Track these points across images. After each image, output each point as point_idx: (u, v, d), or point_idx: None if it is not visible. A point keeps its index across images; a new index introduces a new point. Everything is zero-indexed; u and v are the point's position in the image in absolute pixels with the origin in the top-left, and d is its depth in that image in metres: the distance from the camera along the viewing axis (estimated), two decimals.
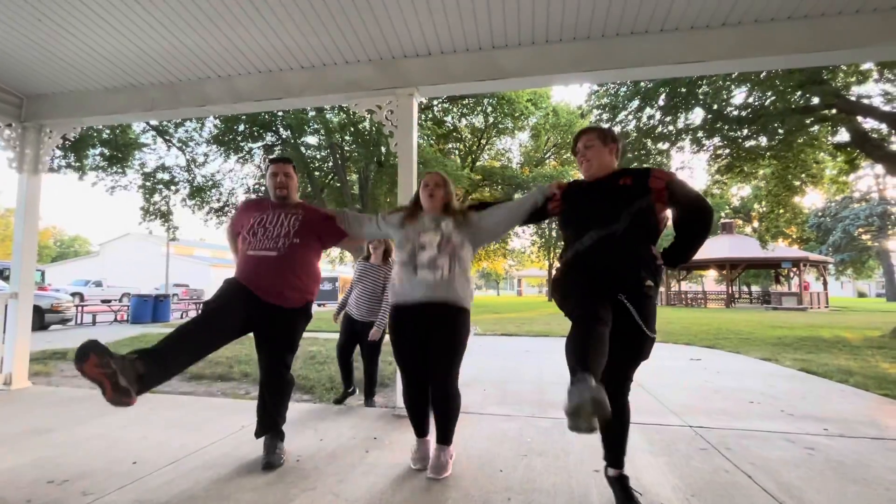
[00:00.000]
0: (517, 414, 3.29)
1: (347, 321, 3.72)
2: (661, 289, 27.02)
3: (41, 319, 10.23)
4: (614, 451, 1.92)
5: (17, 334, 3.99)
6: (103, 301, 20.34)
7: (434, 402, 2.22)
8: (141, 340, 7.88)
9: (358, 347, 3.78)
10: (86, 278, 25.78)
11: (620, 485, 1.88)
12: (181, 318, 15.60)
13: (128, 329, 10.77)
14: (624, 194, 1.85)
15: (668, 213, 1.93)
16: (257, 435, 2.38)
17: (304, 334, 2.53)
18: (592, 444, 2.64)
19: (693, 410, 3.38)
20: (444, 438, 2.22)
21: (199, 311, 2.18)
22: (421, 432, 2.33)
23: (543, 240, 27.88)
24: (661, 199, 1.83)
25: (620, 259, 1.80)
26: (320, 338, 7.24)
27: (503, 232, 2.49)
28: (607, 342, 1.63)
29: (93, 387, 4.41)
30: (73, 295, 16.17)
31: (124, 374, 1.65)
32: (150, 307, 13.13)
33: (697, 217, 1.85)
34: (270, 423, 2.38)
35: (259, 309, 2.26)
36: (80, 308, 13.24)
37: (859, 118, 8.73)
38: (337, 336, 3.95)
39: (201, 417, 3.16)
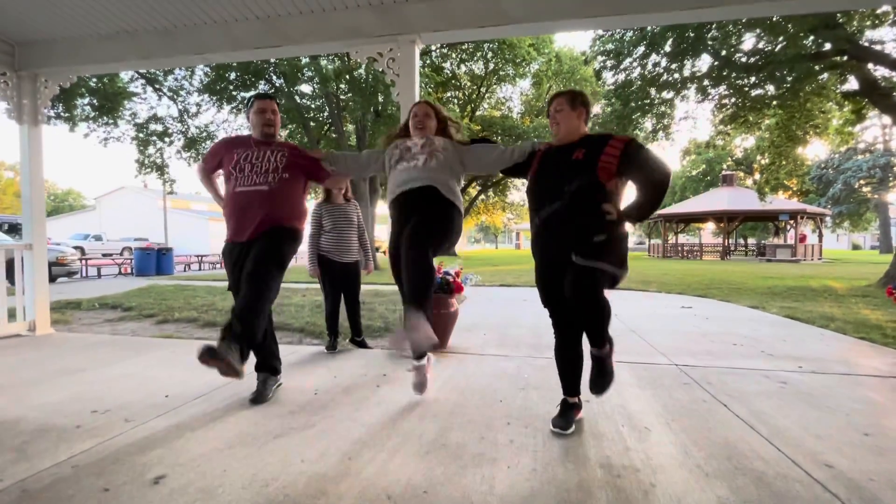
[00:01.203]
0: (515, 355, 3.53)
1: (328, 268, 3.58)
2: (657, 241, 27.30)
3: (48, 272, 10.43)
4: (596, 338, 2.02)
5: (35, 283, 4.16)
6: (104, 255, 20.55)
7: (404, 264, 2.17)
8: (149, 292, 8.10)
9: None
10: (84, 232, 25.81)
11: (599, 359, 2.05)
12: (184, 270, 15.86)
13: (134, 281, 11.01)
14: (571, 169, 1.97)
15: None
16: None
17: (308, 285, 2.66)
18: (583, 379, 2.87)
19: (680, 351, 3.62)
20: (416, 299, 2.06)
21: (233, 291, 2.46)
22: (419, 354, 2.32)
23: None
24: (608, 173, 1.93)
25: (565, 235, 1.97)
26: None
27: (487, 171, 2.60)
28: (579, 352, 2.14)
29: (114, 332, 4.61)
30: (74, 249, 16.28)
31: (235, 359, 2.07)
32: (153, 260, 13.35)
33: (651, 184, 1.94)
34: (263, 361, 2.50)
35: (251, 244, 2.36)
36: (84, 261, 13.44)
37: (870, 65, 8.50)
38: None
39: None
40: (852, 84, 9.27)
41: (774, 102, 9.31)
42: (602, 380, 2.08)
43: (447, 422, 2.18)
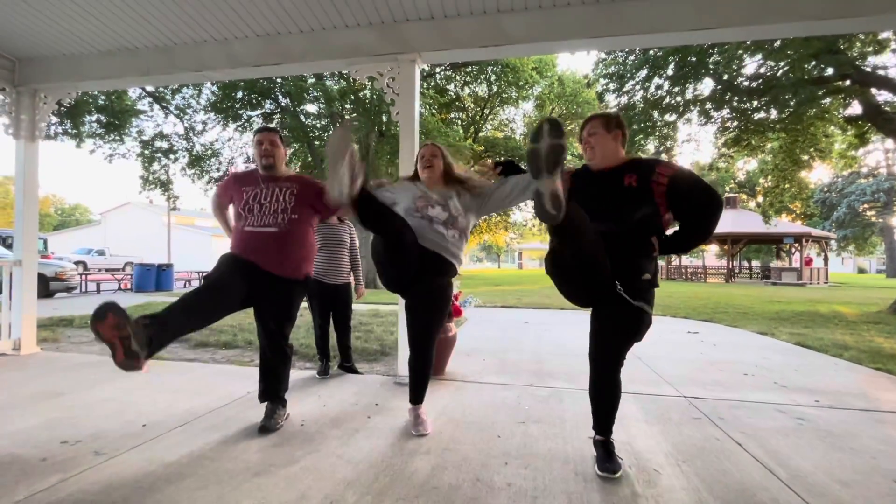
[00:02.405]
0: (515, 383, 3.36)
1: (318, 290, 3.46)
2: (662, 263, 27.11)
3: (46, 287, 10.34)
4: (603, 422, 1.99)
5: (23, 301, 4.05)
6: (106, 270, 20.51)
7: (412, 363, 2.37)
8: (146, 308, 7.98)
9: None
10: (88, 247, 25.88)
11: (604, 447, 1.97)
12: (184, 286, 15.76)
13: (132, 297, 10.91)
14: (629, 198, 1.83)
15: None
16: (261, 399, 2.44)
17: (303, 305, 2.57)
18: (588, 412, 2.71)
19: (688, 381, 3.45)
20: (416, 398, 2.40)
21: (201, 283, 2.30)
22: (416, 399, 2.41)
23: None
24: (661, 202, 1.82)
25: (618, 258, 1.81)
26: None
27: (509, 206, 2.48)
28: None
29: (102, 352, 4.47)
30: (76, 263, 16.25)
31: (136, 338, 1.68)
32: (153, 276, 13.25)
33: (702, 212, 1.81)
34: (273, 391, 2.44)
35: (258, 280, 2.27)
36: (84, 276, 13.38)
37: (873, 90, 8.50)
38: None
39: (207, 383, 3.25)
40: (855, 108, 9.28)
41: (777, 126, 9.29)
42: (612, 464, 1.92)
43: (440, 459, 2.03)
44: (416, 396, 2.40)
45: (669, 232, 1.94)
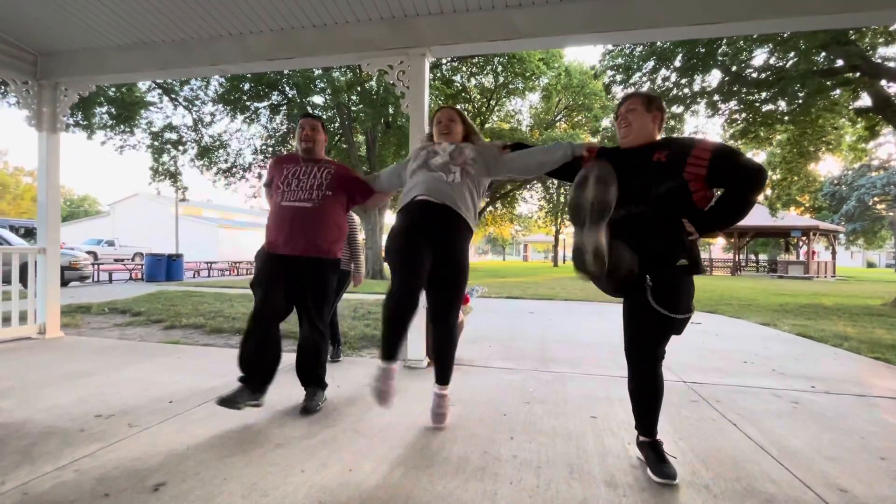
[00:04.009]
0: (520, 368, 3.49)
1: None
2: None
3: (60, 276, 10.56)
4: (646, 420, 1.89)
5: (47, 287, 4.22)
6: (116, 260, 20.84)
7: (436, 333, 2.26)
8: (158, 298, 8.17)
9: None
10: (97, 238, 26.24)
11: (653, 449, 1.85)
12: (193, 277, 16.01)
13: (143, 287, 11.13)
14: (655, 172, 1.75)
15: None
16: (304, 383, 2.54)
17: None
18: (590, 394, 2.84)
19: (688, 368, 3.56)
20: (443, 378, 2.28)
21: (254, 309, 2.46)
22: (389, 354, 2.00)
23: (551, 205, 27.73)
24: (698, 179, 1.71)
25: (647, 241, 1.73)
26: None
27: (522, 177, 2.45)
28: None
29: (123, 336, 4.60)
30: (87, 253, 16.52)
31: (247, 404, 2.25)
32: (163, 266, 13.49)
33: (743, 191, 1.71)
34: (317, 376, 2.54)
35: (294, 269, 2.40)
36: (96, 266, 13.64)
37: (883, 82, 8.44)
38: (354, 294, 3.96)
39: (225, 367, 3.38)
40: (865, 100, 9.20)
41: (786, 118, 9.26)
42: (667, 467, 1.76)
43: (450, 434, 2.16)
44: (444, 374, 2.29)
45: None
